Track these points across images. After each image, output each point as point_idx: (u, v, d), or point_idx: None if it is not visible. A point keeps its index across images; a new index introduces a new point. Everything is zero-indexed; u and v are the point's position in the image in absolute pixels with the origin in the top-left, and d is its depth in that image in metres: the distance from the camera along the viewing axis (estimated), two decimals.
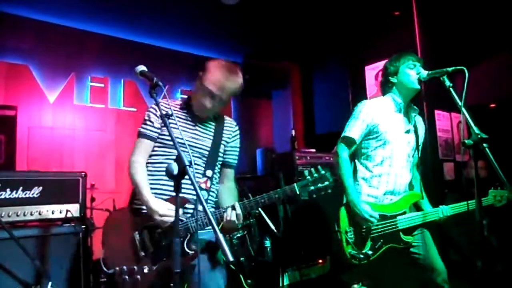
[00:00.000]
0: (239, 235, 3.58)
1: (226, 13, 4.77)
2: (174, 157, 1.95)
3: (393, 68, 2.46)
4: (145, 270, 1.86)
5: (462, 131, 2.16)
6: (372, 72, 4.64)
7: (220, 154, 2.20)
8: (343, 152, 2.44)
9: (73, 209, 2.81)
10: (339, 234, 2.35)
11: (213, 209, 2.12)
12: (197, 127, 2.14)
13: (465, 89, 1.90)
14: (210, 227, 1.84)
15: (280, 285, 3.63)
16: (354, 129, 2.43)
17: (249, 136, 6.42)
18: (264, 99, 6.77)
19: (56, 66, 4.83)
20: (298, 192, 1.88)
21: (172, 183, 1.94)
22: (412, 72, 2.38)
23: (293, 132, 5.18)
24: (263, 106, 6.79)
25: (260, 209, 3.70)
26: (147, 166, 2.07)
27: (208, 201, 2.12)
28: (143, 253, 1.90)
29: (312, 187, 1.89)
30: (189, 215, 1.99)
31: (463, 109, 1.88)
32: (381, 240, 2.31)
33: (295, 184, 1.90)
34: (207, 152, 2.12)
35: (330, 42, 5.59)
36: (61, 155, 4.59)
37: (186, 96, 2.29)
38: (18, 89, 4.52)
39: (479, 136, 1.79)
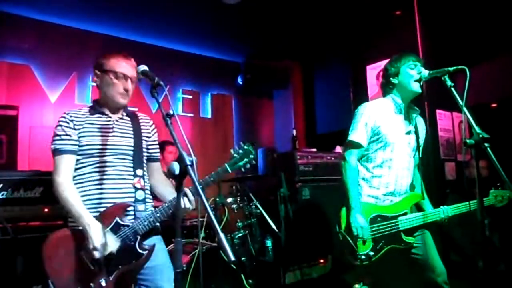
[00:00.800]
0: (240, 235, 3.58)
1: (227, 12, 4.77)
2: (99, 165, 1.97)
3: (394, 69, 2.45)
4: (103, 284, 1.82)
5: (464, 130, 2.16)
6: (373, 71, 4.64)
7: (145, 150, 2.16)
8: (351, 157, 2.43)
9: None
10: (340, 235, 2.35)
11: (152, 207, 2.10)
12: (114, 128, 2.08)
13: (466, 88, 1.89)
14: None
15: (282, 284, 3.63)
16: (358, 133, 2.42)
17: (250, 136, 6.42)
18: (265, 98, 6.77)
19: (57, 66, 4.84)
20: (230, 171, 2.05)
21: (103, 196, 1.94)
22: (413, 72, 2.38)
23: (294, 132, 5.18)
24: (264, 106, 6.79)
25: (261, 208, 3.71)
26: (74, 181, 1.99)
27: (146, 200, 2.08)
28: (96, 268, 1.84)
29: (240, 163, 2.06)
30: (131, 217, 1.97)
31: (465, 109, 1.88)
32: (383, 241, 2.31)
33: (225, 164, 2.05)
34: (131, 151, 2.08)
35: (332, 42, 5.59)
36: None
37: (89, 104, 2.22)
38: (19, 89, 4.53)
39: (480, 135, 1.79)
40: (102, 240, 1.82)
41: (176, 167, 1.41)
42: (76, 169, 2.00)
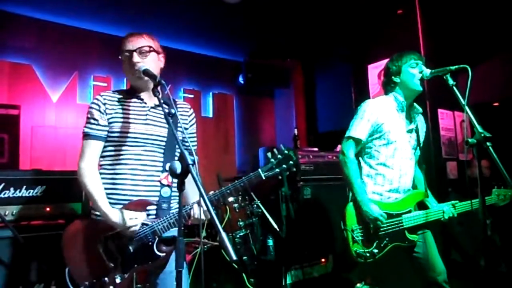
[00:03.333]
0: (242, 234, 3.58)
1: (228, 11, 4.76)
2: (129, 155, 1.87)
3: (395, 68, 2.45)
4: (117, 280, 1.77)
5: (466, 129, 2.17)
6: (375, 70, 4.63)
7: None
8: (350, 151, 2.44)
9: (77, 208, 2.82)
10: (345, 232, 2.35)
11: (177, 204, 1.97)
12: (148, 116, 1.95)
13: (468, 87, 1.89)
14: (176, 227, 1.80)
15: (283, 284, 3.63)
16: (359, 129, 2.43)
17: (252, 135, 6.42)
18: (266, 97, 6.77)
19: (59, 65, 4.84)
20: (263, 178, 1.84)
21: (130, 187, 1.86)
22: (415, 71, 2.38)
23: (296, 131, 5.18)
24: (266, 105, 6.79)
25: (262, 208, 3.70)
26: (100, 170, 1.91)
27: (172, 198, 1.95)
28: (112, 264, 1.79)
29: (277, 169, 1.88)
30: (153, 217, 1.87)
31: (466, 108, 1.88)
32: (387, 239, 2.31)
33: (259, 169, 1.86)
34: (164, 142, 1.94)
35: (333, 41, 5.58)
36: (64, 154, 4.59)
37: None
38: (21, 89, 4.53)
39: (482, 134, 1.79)
40: (125, 223, 1.75)
41: (178, 166, 1.41)
42: (103, 157, 1.92)
